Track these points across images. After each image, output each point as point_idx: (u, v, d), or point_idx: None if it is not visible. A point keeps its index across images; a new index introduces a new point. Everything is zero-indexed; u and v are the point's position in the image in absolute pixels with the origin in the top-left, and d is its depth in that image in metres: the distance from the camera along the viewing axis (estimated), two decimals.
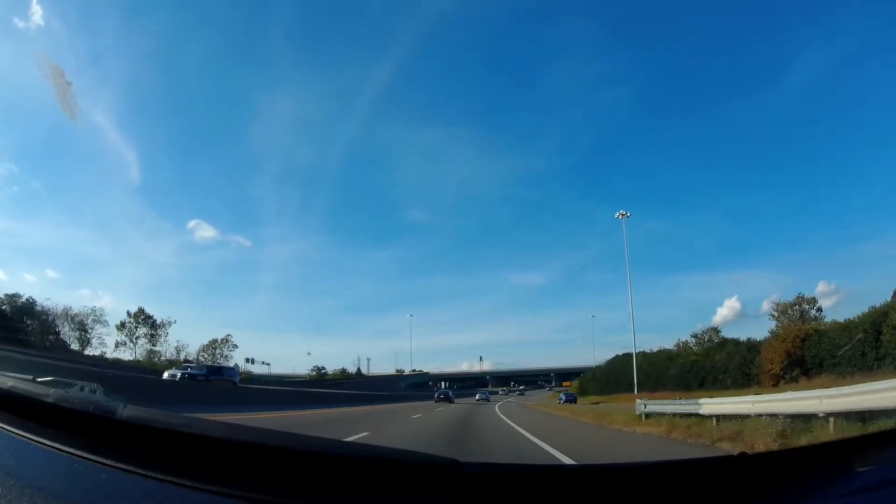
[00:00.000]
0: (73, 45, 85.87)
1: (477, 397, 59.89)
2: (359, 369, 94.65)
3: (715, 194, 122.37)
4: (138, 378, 24.67)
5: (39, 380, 7.15)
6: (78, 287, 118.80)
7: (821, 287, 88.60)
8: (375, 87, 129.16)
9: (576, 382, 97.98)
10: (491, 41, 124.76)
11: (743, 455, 1.15)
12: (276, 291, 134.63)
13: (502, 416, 20.10)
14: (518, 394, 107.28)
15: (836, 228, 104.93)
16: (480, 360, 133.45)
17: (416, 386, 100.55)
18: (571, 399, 50.21)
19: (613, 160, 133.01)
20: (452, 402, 38.06)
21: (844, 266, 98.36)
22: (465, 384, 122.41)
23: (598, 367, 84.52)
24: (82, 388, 6.95)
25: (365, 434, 10.50)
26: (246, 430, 1.03)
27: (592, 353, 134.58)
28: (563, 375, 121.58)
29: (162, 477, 0.95)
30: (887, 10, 77.51)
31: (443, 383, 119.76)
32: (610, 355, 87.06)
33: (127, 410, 1.05)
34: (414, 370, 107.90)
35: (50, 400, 1.13)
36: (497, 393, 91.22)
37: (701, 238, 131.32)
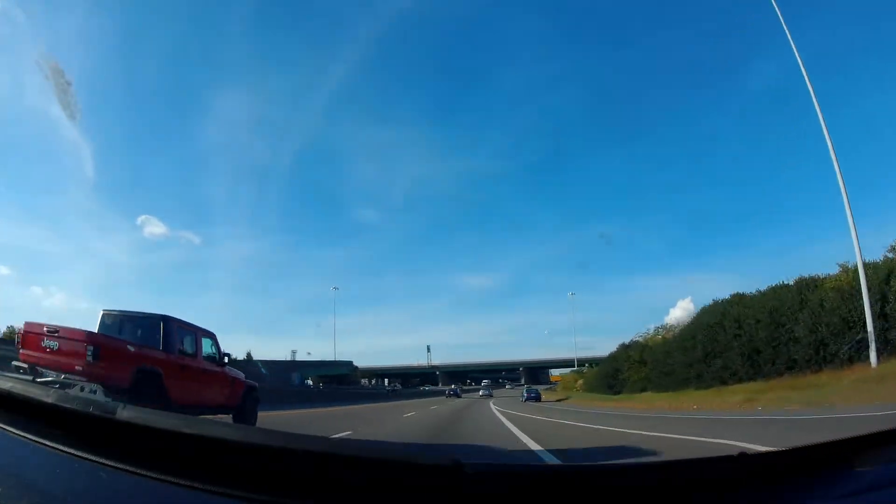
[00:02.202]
0: (32, 34, 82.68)
1: (480, 393, 59.95)
2: (248, 354, 70.80)
3: (666, 197, 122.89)
4: None
5: (39, 380, 7.13)
6: (30, 284, 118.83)
7: None
8: (329, 87, 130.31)
9: (571, 375, 74.49)
10: (444, 43, 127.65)
11: (743, 455, 1.15)
12: (225, 290, 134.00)
13: None
14: (525, 388, 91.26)
15: (788, 231, 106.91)
16: (428, 350, 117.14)
17: (333, 380, 70.36)
18: (535, 397, 44.50)
19: (565, 163, 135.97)
20: (460, 397, 50.13)
21: (794, 267, 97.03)
22: (411, 381, 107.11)
23: (634, 344, 43.17)
24: (82, 389, 6.95)
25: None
26: (246, 430, 1.03)
27: (573, 341, 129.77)
28: (534, 369, 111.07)
29: (162, 477, 0.95)
30: (828, 26, 78.41)
31: (385, 380, 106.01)
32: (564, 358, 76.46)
33: (127, 410, 1.05)
34: (338, 361, 79.34)
35: (50, 400, 1.13)
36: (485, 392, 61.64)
37: (652, 240, 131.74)
